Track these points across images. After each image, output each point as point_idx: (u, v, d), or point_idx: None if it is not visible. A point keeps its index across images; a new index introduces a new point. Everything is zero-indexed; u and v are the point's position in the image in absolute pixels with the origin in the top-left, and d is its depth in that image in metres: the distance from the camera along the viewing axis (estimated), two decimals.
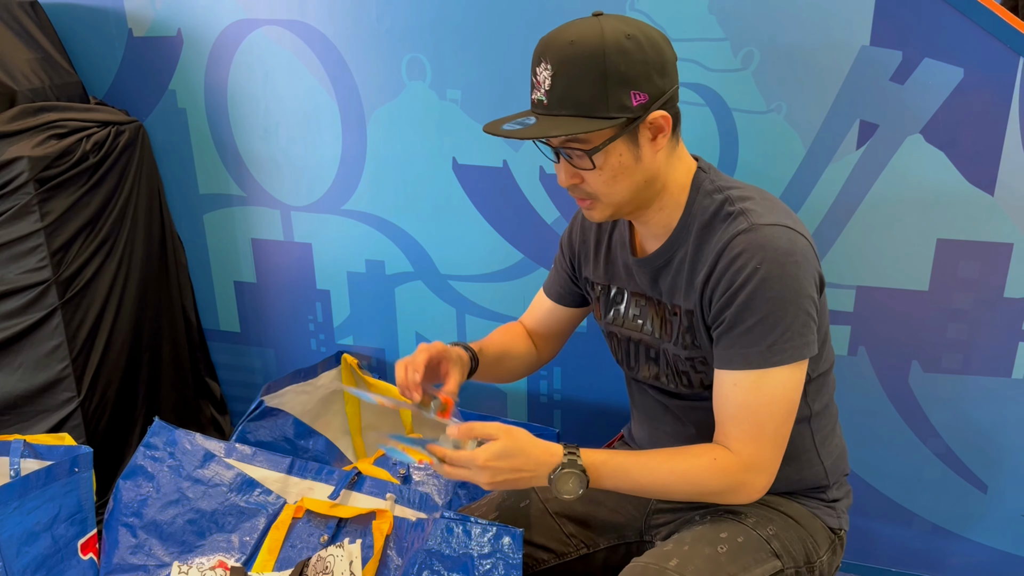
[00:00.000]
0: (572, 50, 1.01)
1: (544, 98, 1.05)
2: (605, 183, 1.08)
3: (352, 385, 1.93)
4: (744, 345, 1.06)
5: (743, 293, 1.04)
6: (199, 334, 2.07)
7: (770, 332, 1.04)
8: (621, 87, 1.02)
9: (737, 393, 1.08)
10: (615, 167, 1.06)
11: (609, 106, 1.02)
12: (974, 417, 1.56)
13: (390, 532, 1.37)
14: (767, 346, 1.05)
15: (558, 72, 1.02)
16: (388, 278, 1.86)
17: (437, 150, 1.70)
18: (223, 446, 1.48)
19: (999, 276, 1.46)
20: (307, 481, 1.45)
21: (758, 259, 1.04)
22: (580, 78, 1.01)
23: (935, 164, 1.43)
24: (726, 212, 1.10)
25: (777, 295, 1.03)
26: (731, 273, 1.05)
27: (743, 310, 1.05)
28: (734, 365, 1.07)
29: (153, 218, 1.91)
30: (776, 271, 1.03)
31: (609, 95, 1.02)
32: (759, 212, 1.08)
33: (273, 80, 1.76)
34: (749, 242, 1.05)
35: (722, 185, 1.13)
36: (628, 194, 1.10)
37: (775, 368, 1.05)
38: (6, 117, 1.60)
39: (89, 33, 1.84)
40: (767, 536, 1.16)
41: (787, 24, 1.42)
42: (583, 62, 1.01)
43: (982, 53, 1.35)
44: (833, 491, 1.25)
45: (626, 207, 1.12)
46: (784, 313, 1.04)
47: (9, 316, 1.62)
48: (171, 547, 1.42)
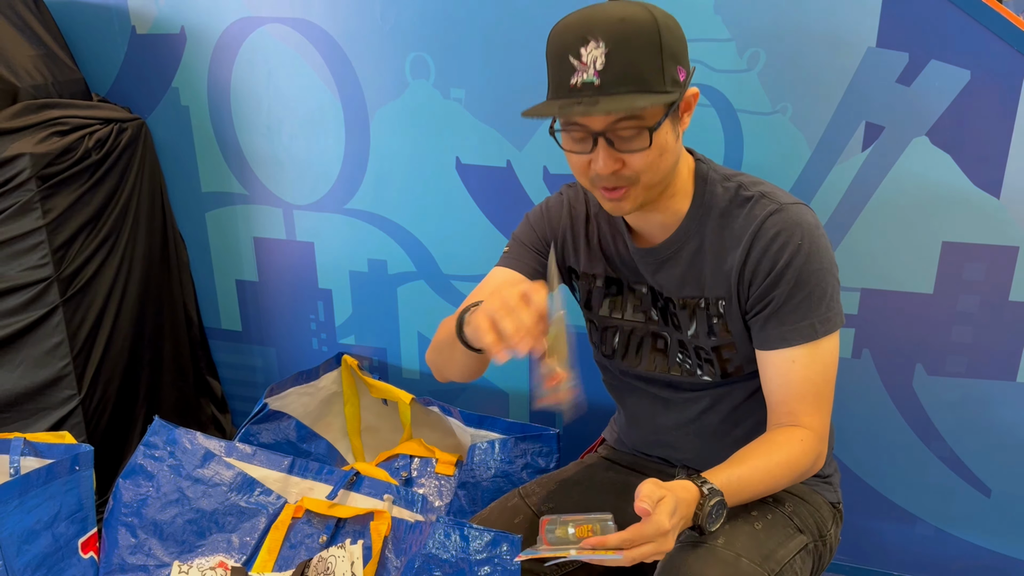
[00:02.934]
0: (626, 27, 0.99)
1: (595, 79, 0.99)
2: (652, 163, 1.05)
3: (352, 386, 1.93)
4: (796, 320, 1.09)
5: (790, 270, 1.08)
6: (200, 332, 2.06)
7: (819, 304, 1.09)
8: (673, 61, 1.02)
9: (796, 369, 1.11)
10: (663, 145, 1.05)
11: (666, 80, 1.01)
12: (978, 420, 1.55)
13: (388, 533, 1.37)
14: (818, 318, 1.09)
15: (614, 49, 0.98)
16: (390, 277, 1.85)
17: (440, 149, 1.70)
18: (223, 445, 1.48)
19: (1004, 279, 1.46)
20: (307, 481, 1.45)
21: (798, 236, 1.08)
22: (640, 53, 0.99)
23: (941, 166, 1.42)
24: (743, 197, 1.12)
25: (819, 267, 1.08)
26: (772, 253, 1.09)
27: (793, 287, 1.08)
28: (790, 342, 1.10)
29: (155, 216, 1.91)
30: (816, 245, 1.08)
31: (666, 69, 1.01)
32: (777, 194, 1.12)
33: (276, 78, 1.76)
34: (784, 221, 1.09)
35: (728, 173, 1.16)
36: (665, 174, 1.08)
37: (826, 337, 1.10)
38: (8, 114, 1.59)
39: (92, 30, 1.84)
40: (788, 513, 1.19)
41: (793, 25, 1.41)
42: (641, 36, 0.99)
43: (989, 55, 1.34)
44: (825, 467, 1.28)
45: (654, 192, 1.10)
46: (827, 284, 1.09)
47: (10, 313, 1.62)
48: (171, 547, 1.42)
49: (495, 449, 1.63)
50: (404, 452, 1.80)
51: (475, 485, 1.63)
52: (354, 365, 1.89)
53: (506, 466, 1.63)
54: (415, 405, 1.79)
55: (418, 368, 1.92)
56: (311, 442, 1.83)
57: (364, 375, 1.88)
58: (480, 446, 1.64)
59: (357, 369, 1.89)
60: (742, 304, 1.14)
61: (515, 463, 1.62)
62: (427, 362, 1.28)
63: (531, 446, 1.63)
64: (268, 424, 1.74)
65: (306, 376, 1.83)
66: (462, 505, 1.65)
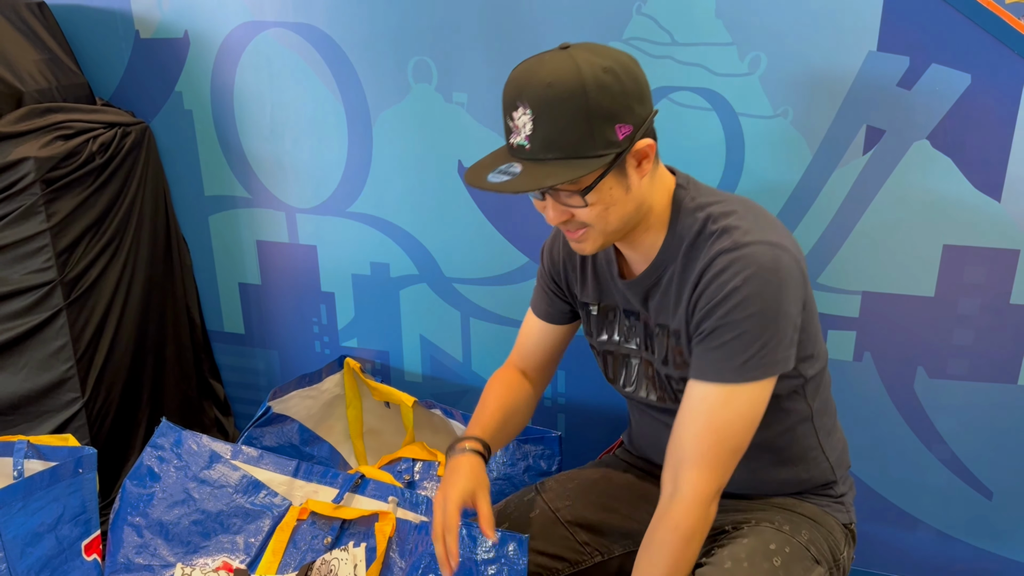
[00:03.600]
0: (551, 92, 0.98)
1: (526, 143, 1.01)
2: (598, 216, 1.06)
3: (354, 388, 1.93)
4: (719, 359, 1.04)
5: (723, 308, 1.03)
6: (203, 335, 2.07)
7: (747, 349, 1.03)
8: (606, 123, 0.99)
9: (704, 408, 1.05)
10: (606, 201, 1.04)
11: (596, 144, 1.00)
12: (980, 423, 1.55)
13: (392, 534, 1.37)
14: (742, 362, 1.03)
15: (539, 116, 0.99)
16: (393, 281, 1.86)
17: (443, 153, 1.70)
18: (229, 448, 1.48)
19: (1005, 282, 1.46)
20: (312, 484, 1.45)
21: (740, 277, 1.02)
22: (564, 120, 0.98)
23: (942, 170, 1.43)
24: (709, 231, 1.08)
25: (757, 312, 1.02)
26: (713, 288, 1.04)
27: (722, 325, 1.03)
28: (706, 376, 1.05)
29: (158, 219, 1.91)
30: (757, 289, 1.02)
31: (595, 133, 0.99)
32: (743, 228, 1.06)
33: (279, 82, 1.77)
34: (731, 260, 1.03)
35: (703, 202, 1.11)
36: (620, 223, 1.08)
37: (747, 384, 1.04)
38: (13, 118, 1.60)
39: (96, 34, 1.84)
40: (804, 543, 1.16)
41: (794, 29, 1.42)
42: (565, 103, 0.97)
43: (990, 59, 1.35)
44: (840, 486, 1.26)
45: (617, 235, 1.11)
46: (763, 331, 1.02)
47: (14, 316, 1.62)
48: (176, 547, 1.42)
49: (497, 452, 1.63)
50: (406, 455, 1.80)
51: None
52: (356, 368, 1.89)
53: (508, 469, 1.63)
54: (417, 408, 1.79)
55: (420, 371, 1.92)
56: (314, 445, 1.83)
57: (366, 378, 1.88)
58: None
59: (359, 372, 1.89)
60: (690, 334, 1.11)
61: (517, 466, 1.63)
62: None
63: (533, 448, 1.63)
64: (271, 427, 1.74)
65: (308, 379, 1.83)
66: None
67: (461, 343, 1.86)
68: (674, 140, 1.54)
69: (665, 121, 1.54)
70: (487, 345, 1.84)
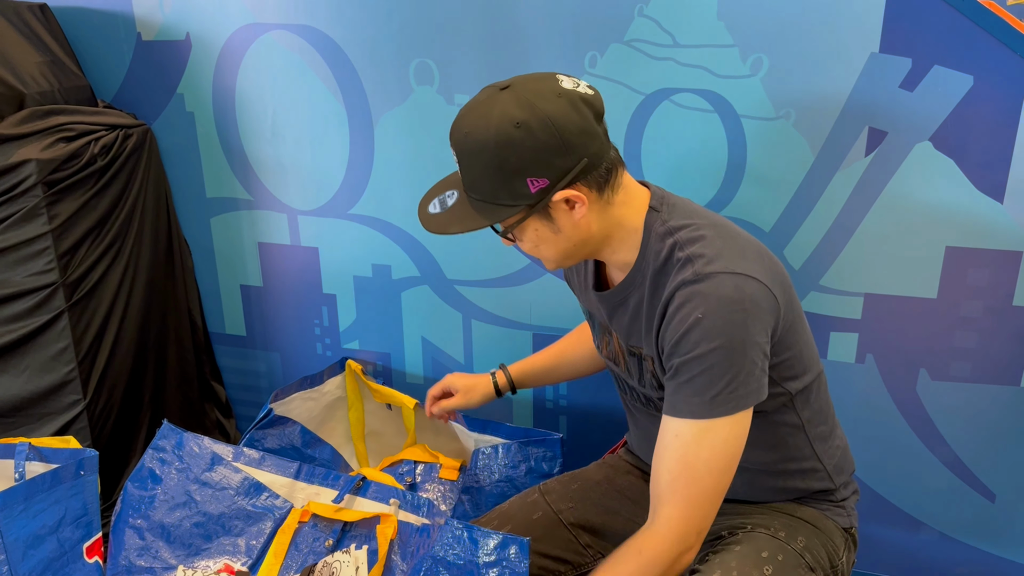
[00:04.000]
0: (467, 143, 1.02)
1: (456, 176, 1.09)
2: (532, 249, 1.11)
3: (356, 391, 1.93)
4: (688, 394, 1.03)
5: (686, 343, 1.02)
6: (205, 337, 2.07)
7: (714, 383, 1.01)
8: (515, 177, 1.01)
9: (677, 445, 1.04)
10: (534, 239, 1.09)
11: (509, 195, 1.03)
12: (982, 426, 1.55)
13: (394, 536, 1.37)
14: (711, 397, 1.01)
15: (460, 162, 1.05)
16: (394, 283, 1.86)
17: (444, 155, 1.70)
18: (231, 450, 1.48)
19: (1008, 284, 1.46)
20: (314, 486, 1.45)
21: (701, 310, 1.01)
22: (478, 171, 1.03)
23: (944, 172, 1.43)
24: (676, 259, 1.06)
25: (721, 346, 1.00)
26: (675, 323, 1.03)
27: (687, 360, 1.02)
28: (678, 413, 1.04)
29: (160, 221, 1.91)
30: (719, 321, 1.00)
31: (505, 185, 1.02)
32: (707, 257, 1.04)
33: (281, 84, 1.77)
34: (692, 293, 1.02)
35: (673, 226, 1.08)
36: (561, 255, 1.11)
37: (719, 419, 1.02)
38: (15, 120, 1.60)
39: (98, 36, 1.85)
40: (800, 550, 1.16)
41: (796, 31, 1.42)
42: (476, 156, 1.02)
43: (992, 61, 1.35)
44: (841, 491, 1.26)
45: (570, 260, 1.13)
46: (729, 364, 1.00)
47: (16, 318, 1.62)
48: (178, 550, 1.42)
49: (499, 454, 1.63)
50: (408, 458, 1.80)
51: (479, 490, 1.63)
52: (358, 370, 1.89)
53: (510, 471, 1.63)
54: (419, 410, 1.79)
55: (421, 373, 1.92)
56: (316, 447, 1.83)
57: (368, 380, 1.88)
58: (484, 451, 1.64)
59: (361, 374, 1.89)
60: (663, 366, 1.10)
61: (519, 468, 1.63)
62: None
63: (535, 451, 1.63)
64: (273, 429, 1.74)
65: (310, 381, 1.83)
66: (466, 510, 1.65)
67: (463, 345, 1.86)
68: (676, 142, 1.54)
69: (667, 123, 1.54)
70: (488, 347, 1.84)
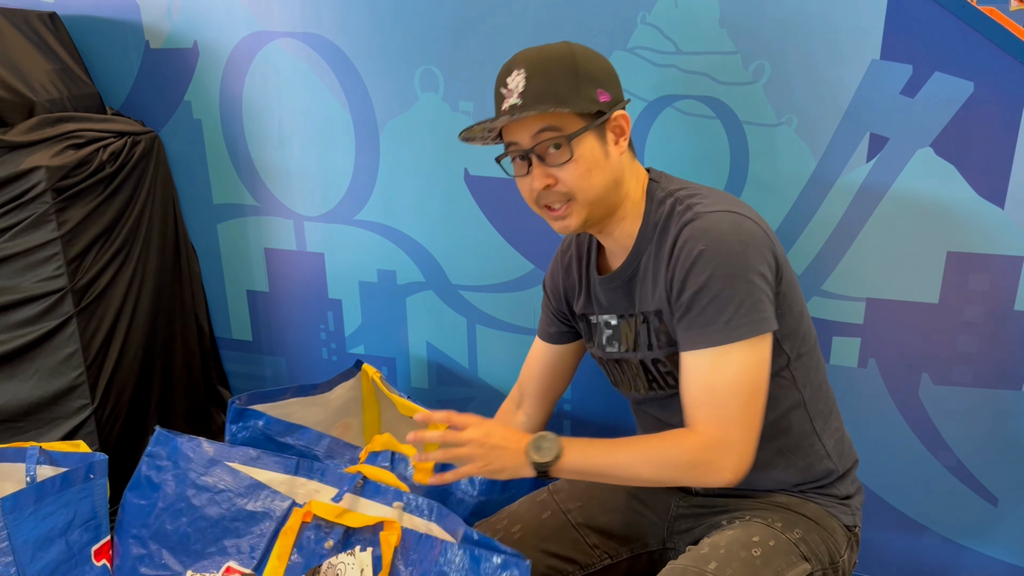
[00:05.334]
0: (543, 54, 1.12)
1: (518, 100, 1.11)
2: (581, 176, 1.12)
3: (372, 395, 1.85)
4: (702, 324, 1.08)
5: (693, 274, 1.08)
6: (211, 342, 2.08)
7: (724, 308, 1.07)
8: (590, 83, 1.11)
9: (697, 375, 1.10)
10: (588, 159, 1.12)
11: (582, 99, 1.10)
12: (984, 430, 1.56)
13: (398, 544, 1.37)
14: (724, 322, 1.07)
15: (532, 73, 1.11)
16: (399, 288, 1.87)
17: (449, 161, 1.72)
18: (226, 450, 1.47)
19: (1009, 289, 1.47)
20: (313, 482, 1.44)
21: (703, 242, 1.08)
22: (554, 75, 1.10)
23: (945, 177, 1.43)
24: (676, 211, 1.15)
25: (725, 272, 1.07)
26: (682, 260, 1.10)
27: (696, 291, 1.08)
28: (695, 345, 1.09)
29: (168, 227, 1.93)
30: (721, 248, 1.08)
31: (581, 88, 1.10)
32: (705, 203, 1.13)
33: (287, 92, 1.78)
34: (694, 229, 1.10)
35: (672, 189, 1.19)
36: (601, 190, 1.14)
37: (735, 344, 1.07)
38: (25, 127, 1.62)
39: (107, 45, 1.86)
40: (795, 539, 1.18)
41: (798, 37, 1.43)
42: (556, 62, 1.11)
43: (992, 67, 1.35)
44: (845, 485, 1.27)
45: (598, 209, 1.16)
46: (735, 289, 1.07)
47: (25, 324, 1.64)
48: (181, 556, 1.42)
49: None
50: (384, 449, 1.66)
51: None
52: (376, 377, 1.81)
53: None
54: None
55: (426, 377, 1.93)
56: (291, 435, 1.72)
57: (389, 391, 1.79)
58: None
59: (380, 382, 1.80)
60: (674, 313, 1.15)
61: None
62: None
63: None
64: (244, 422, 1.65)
65: (319, 388, 1.76)
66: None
67: (467, 350, 1.87)
68: (678, 148, 1.55)
69: (669, 129, 1.55)
70: (493, 352, 1.85)
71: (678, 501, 1.32)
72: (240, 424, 1.66)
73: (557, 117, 1.11)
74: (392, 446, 1.71)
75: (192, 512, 1.44)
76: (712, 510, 1.28)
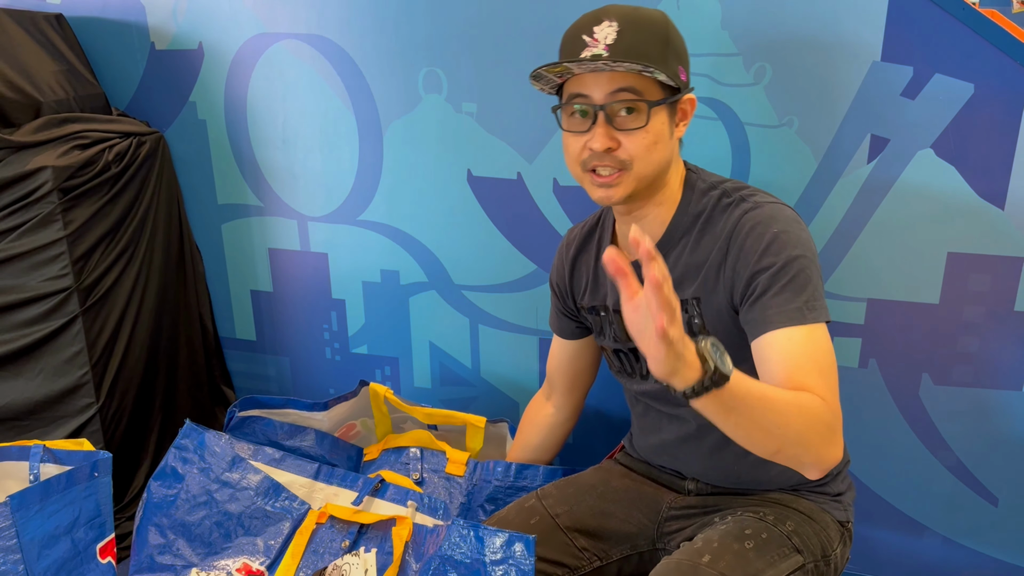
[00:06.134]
0: (638, 14, 1.08)
1: (604, 52, 1.05)
2: (647, 147, 1.09)
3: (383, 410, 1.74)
4: (782, 304, 1.06)
5: (769, 256, 1.08)
6: (215, 342, 2.09)
7: (801, 291, 1.06)
8: (676, 58, 1.10)
9: (793, 346, 1.04)
10: (657, 132, 1.10)
11: (668, 70, 1.07)
12: (985, 430, 1.56)
13: (409, 539, 1.38)
14: (804, 302, 1.05)
15: (625, 28, 1.06)
16: (402, 288, 1.88)
17: (452, 162, 1.73)
18: (252, 449, 1.49)
19: (1010, 290, 1.47)
20: (332, 487, 1.46)
21: (777, 226, 1.09)
22: (648, 35, 1.07)
23: (946, 178, 1.44)
24: (724, 203, 1.16)
25: (802, 255, 1.07)
26: (750, 243, 1.09)
27: (776, 272, 1.07)
28: (782, 323, 1.05)
29: (172, 227, 1.94)
30: (793, 234, 1.09)
31: (668, 59, 1.08)
32: (759, 195, 1.15)
33: (292, 93, 1.79)
34: (760, 215, 1.11)
35: (715, 181, 1.20)
36: (657, 167, 1.12)
37: (814, 325, 1.05)
38: (31, 128, 1.63)
39: (112, 46, 1.88)
40: (787, 532, 1.18)
41: (799, 39, 1.44)
42: (651, 24, 1.08)
43: (993, 69, 1.36)
44: (837, 483, 1.28)
45: (644, 186, 1.14)
46: (810, 273, 1.07)
47: (31, 323, 1.65)
48: (198, 548, 1.44)
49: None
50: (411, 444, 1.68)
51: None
52: (387, 393, 1.69)
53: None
54: (489, 427, 1.69)
55: (429, 377, 1.94)
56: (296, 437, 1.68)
57: (407, 405, 1.69)
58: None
59: (394, 398, 1.69)
60: (730, 300, 1.13)
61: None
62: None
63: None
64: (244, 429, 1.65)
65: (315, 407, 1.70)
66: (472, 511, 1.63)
67: (470, 350, 1.88)
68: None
69: None
70: (496, 352, 1.86)
71: (671, 501, 1.33)
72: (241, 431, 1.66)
73: (641, 80, 1.06)
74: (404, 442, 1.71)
75: (213, 506, 1.45)
76: (704, 510, 1.28)
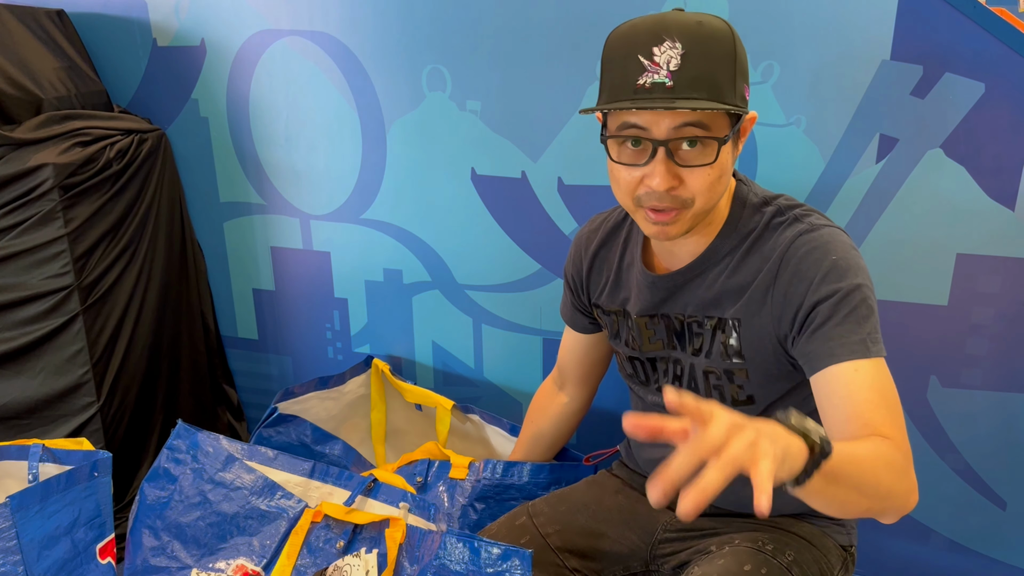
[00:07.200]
0: (704, 30, 0.93)
1: (668, 80, 0.93)
2: (712, 184, 0.99)
3: (380, 391, 1.89)
4: (844, 335, 0.98)
5: (829, 284, 1.00)
6: (217, 341, 2.08)
7: (863, 323, 0.98)
8: (741, 77, 0.97)
9: (861, 379, 0.96)
10: (724, 165, 0.99)
11: (735, 94, 0.96)
12: (993, 433, 1.55)
13: (403, 541, 1.38)
14: (867, 334, 0.98)
15: (691, 50, 0.92)
16: (405, 287, 1.87)
17: (456, 160, 1.71)
18: (245, 448, 1.48)
19: (1019, 291, 1.46)
20: (327, 486, 1.46)
21: (835, 254, 1.01)
22: (716, 59, 0.93)
23: (955, 178, 1.43)
24: (777, 222, 1.08)
25: (862, 284, 1.00)
26: (807, 267, 1.02)
27: (836, 302, 0.99)
28: (846, 356, 0.97)
29: (174, 225, 1.93)
30: (854, 260, 1.02)
31: (736, 81, 0.96)
32: (813, 216, 1.07)
33: (294, 90, 1.78)
34: (816, 240, 1.03)
35: (768, 197, 1.11)
36: (717, 199, 1.02)
37: (877, 359, 0.97)
38: (32, 124, 1.62)
39: (114, 42, 1.87)
40: (787, 564, 1.12)
41: (807, 38, 1.42)
42: (718, 43, 0.94)
43: (1003, 68, 1.35)
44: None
45: (702, 218, 1.04)
46: (870, 305, 1.00)
47: (32, 321, 1.64)
48: (193, 549, 1.43)
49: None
50: (424, 456, 1.75)
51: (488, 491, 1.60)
52: (385, 370, 1.87)
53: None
54: (455, 412, 1.77)
55: (432, 376, 1.93)
56: (326, 444, 1.81)
57: (397, 380, 1.84)
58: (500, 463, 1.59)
59: (389, 374, 1.86)
60: (776, 326, 1.06)
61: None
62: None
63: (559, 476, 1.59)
64: (281, 427, 1.72)
65: (332, 381, 1.81)
66: (472, 515, 1.63)
67: (473, 349, 1.87)
68: None
69: None
70: (499, 351, 1.85)
71: (666, 523, 1.27)
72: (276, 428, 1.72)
73: (709, 112, 0.94)
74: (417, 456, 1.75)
75: (207, 507, 1.44)
76: (700, 533, 1.23)
